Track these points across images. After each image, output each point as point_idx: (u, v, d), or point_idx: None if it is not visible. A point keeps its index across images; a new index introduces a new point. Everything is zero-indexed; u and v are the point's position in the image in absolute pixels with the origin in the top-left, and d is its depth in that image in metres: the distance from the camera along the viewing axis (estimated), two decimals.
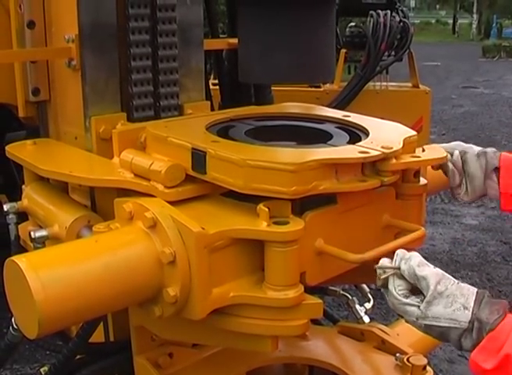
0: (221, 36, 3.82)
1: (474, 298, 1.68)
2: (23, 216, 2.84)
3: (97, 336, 2.60)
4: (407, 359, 2.73)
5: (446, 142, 2.66)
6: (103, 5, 2.63)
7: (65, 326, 2.31)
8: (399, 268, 1.84)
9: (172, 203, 2.10)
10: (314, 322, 2.23)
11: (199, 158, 2.11)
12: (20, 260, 1.79)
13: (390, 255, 2.03)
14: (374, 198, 2.31)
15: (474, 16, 54.31)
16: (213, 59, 3.86)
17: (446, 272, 1.79)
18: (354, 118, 2.58)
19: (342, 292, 3.21)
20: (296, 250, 1.98)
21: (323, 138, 2.36)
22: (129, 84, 2.72)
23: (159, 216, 1.96)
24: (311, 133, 2.49)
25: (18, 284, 1.78)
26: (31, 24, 2.84)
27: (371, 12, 6.10)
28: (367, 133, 2.38)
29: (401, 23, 6.09)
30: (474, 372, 1.65)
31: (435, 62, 27.31)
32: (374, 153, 2.12)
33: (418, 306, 1.75)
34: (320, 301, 2.07)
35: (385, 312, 5.82)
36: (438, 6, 76.33)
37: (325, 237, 2.13)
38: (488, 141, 13.24)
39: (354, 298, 3.29)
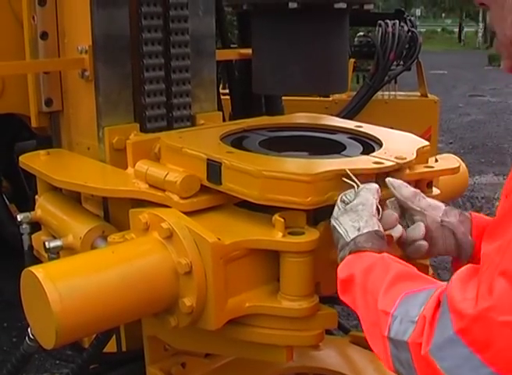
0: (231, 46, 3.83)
1: (370, 229, 1.82)
2: (35, 226, 2.85)
3: (110, 346, 2.60)
4: None
5: (454, 151, 2.66)
6: (116, 17, 2.65)
7: (82, 337, 2.33)
8: (358, 185, 1.96)
9: (186, 213, 2.11)
10: (326, 331, 2.23)
11: (214, 169, 2.11)
12: (38, 271, 1.80)
13: None
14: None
15: (480, 24, 54.18)
16: (223, 69, 3.87)
17: None
18: (367, 128, 2.59)
19: None
20: (312, 260, 1.99)
21: (336, 149, 2.37)
22: (142, 95, 2.74)
23: (175, 226, 1.97)
24: (324, 144, 2.49)
25: (35, 295, 1.79)
26: (44, 35, 2.85)
27: (379, 21, 6.11)
28: (380, 144, 2.39)
29: (409, 33, 6.09)
30: (338, 284, 1.80)
31: (441, 70, 27.26)
32: (388, 164, 2.12)
33: (340, 209, 1.91)
34: (335, 311, 2.07)
35: None
36: (443, 15, 76.26)
37: None
38: (496, 149, 13.21)
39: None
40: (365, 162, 2.14)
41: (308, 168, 2.03)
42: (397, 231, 1.94)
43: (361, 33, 6.80)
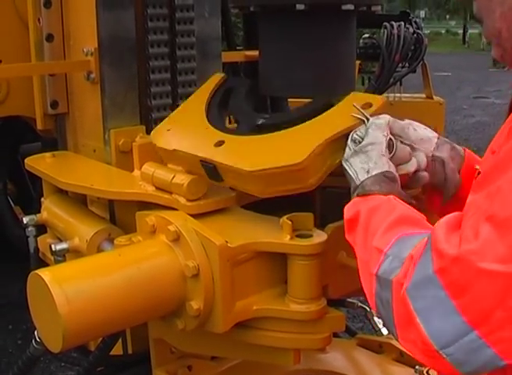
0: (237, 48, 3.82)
1: (379, 170, 1.80)
2: (41, 229, 2.85)
3: (116, 348, 2.60)
4: (427, 372, 2.72)
5: None
6: (122, 19, 2.64)
7: (89, 340, 2.32)
8: (368, 119, 1.94)
9: (193, 216, 2.10)
10: (332, 334, 2.24)
11: (210, 170, 2.11)
12: (44, 274, 1.79)
13: None
14: None
15: None
16: (229, 71, 3.86)
17: None
18: None
19: (360, 304, 3.20)
20: (320, 263, 1.98)
21: None
22: (148, 97, 2.74)
23: (182, 229, 1.96)
24: None
25: (42, 298, 1.79)
26: (50, 37, 2.85)
27: (384, 23, 6.10)
28: None
29: (415, 35, 6.08)
30: (344, 224, 1.81)
31: (445, 72, 27.24)
32: None
33: (350, 150, 1.89)
34: (342, 314, 2.07)
35: None
36: (448, 16, 76.32)
37: (348, 249, 2.12)
38: None
39: (372, 311, 3.27)
40: None
41: (298, 152, 1.98)
42: (412, 165, 1.92)
43: (366, 35, 6.77)
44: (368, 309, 3.26)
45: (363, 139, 1.89)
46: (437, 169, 2.01)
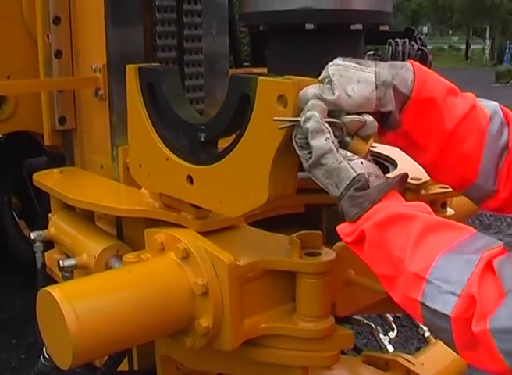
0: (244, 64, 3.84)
1: (347, 182, 1.67)
2: (48, 244, 2.85)
3: (122, 365, 2.60)
4: None
5: None
6: (131, 36, 2.66)
7: (98, 357, 2.32)
8: (299, 123, 1.72)
9: (201, 234, 2.10)
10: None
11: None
12: (54, 291, 1.80)
13: None
14: None
15: (487, 41, 54.44)
16: None
17: None
18: (381, 148, 2.59)
19: (366, 321, 3.20)
20: (328, 281, 1.98)
21: None
22: None
23: (192, 247, 1.97)
24: None
25: (52, 314, 1.79)
26: (58, 54, 2.87)
27: (389, 40, 6.13)
28: (395, 164, 2.39)
29: (419, 52, 6.12)
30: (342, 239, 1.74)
31: None
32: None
33: (306, 161, 1.72)
34: (351, 332, 2.07)
35: (405, 340, 5.78)
36: (450, 32, 76.54)
37: (355, 268, 2.13)
38: None
39: (378, 328, 3.28)
40: None
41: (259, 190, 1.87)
42: (370, 128, 1.75)
43: (371, 52, 6.82)
44: (374, 327, 3.26)
45: (307, 141, 1.71)
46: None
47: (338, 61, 1.79)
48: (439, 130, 1.83)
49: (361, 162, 1.72)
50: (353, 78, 1.74)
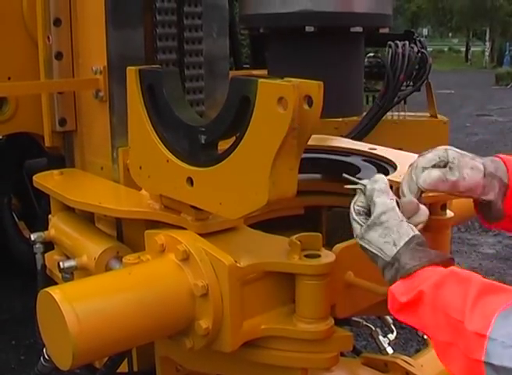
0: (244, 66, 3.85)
1: (406, 239, 1.73)
2: (48, 246, 2.86)
3: (121, 366, 2.60)
4: None
5: None
6: (131, 38, 2.67)
7: (98, 359, 2.33)
8: (365, 186, 1.87)
9: (202, 235, 2.11)
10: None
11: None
12: (55, 292, 1.80)
13: None
14: None
15: (487, 43, 54.47)
16: None
17: None
18: (380, 151, 2.59)
19: (365, 323, 3.20)
20: (328, 283, 1.99)
21: (351, 171, 2.37)
22: None
23: (192, 248, 1.97)
24: (338, 167, 2.50)
25: (52, 316, 1.79)
26: (59, 55, 2.88)
27: (389, 42, 6.12)
28: (394, 167, 2.39)
29: (419, 54, 6.11)
30: (391, 303, 1.73)
31: (448, 89, 27.28)
32: None
33: (361, 226, 1.82)
34: (350, 333, 2.07)
35: (404, 343, 5.79)
36: (450, 34, 76.57)
37: (355, 269, 2.13)
38: None
39: (378, 330, 3.28)
40: None
41: (259, 191, 1.89)
42: (423, 215, 1.88)
43: (371, 54, 6.80)
44: (373, 328, 3.27)
45: (367, 209, 1.85)
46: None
47: (454, 148, 1.95)
48: None
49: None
50: (468, 164, 1.91)
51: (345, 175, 1.96)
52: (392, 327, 3.42)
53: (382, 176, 1.89)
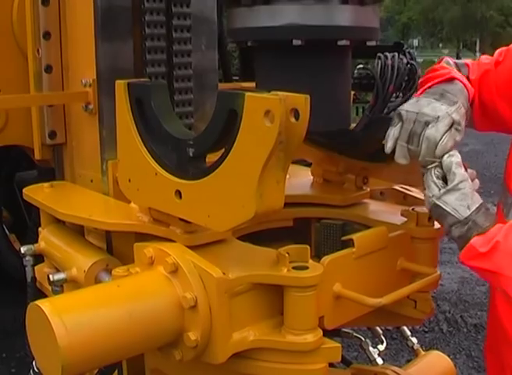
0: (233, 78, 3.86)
1: (477, 205, 2.09)
2: (38, 258, 2.86)
3: None
4: None
5: None
6: (121, 51, 2.67)
7: (87, 371, 2.32)
8: (440, 160, 2.15)
9: (190, 248, 2.12)
10: (328, 364, 2.25)
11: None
12: (44, 305, 1.81)
13: None
14: (390, 243, 2.34)
15: (477, 54, 54.60)
16: None
17: (454, 312, 2.04)
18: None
19: (355, 334, 3.21)
20: (316, 295, 2.00)
21: None
22: None
23: (180, 261, 1.98)
24: None
25: (41, 329, 1.80)
26: (49, 68, 2.88)
27: (378, 54, 6.15)
28: None
29: (409, 65, 6.14)
30: (467, 253, 2.07)
31: None
32: None
33: (440, 189, 2.11)
34: (338, 345, 2.08)
35: (395, 353, 5.80)
36: (441, 45, 76.84)
37: (343, 281, 2.15)
38: (494, 179, 13.22)
39: (368, 341, 3.29)
40: None
41: (245, 205, 1.91)
42: (476, 184, 2.17)
43: (361, 66, 6.82)
44: (363, 339, 3.28)
45: (443, 176, 2.13)
46: None
47: (453, 108, 2.25)
48: None
49: None
50: (463, 117, 2.26)
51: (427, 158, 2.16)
52: (382, 338, 3.43)
53: (456, 152, 2.17)
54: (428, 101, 2.23)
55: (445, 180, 2.14)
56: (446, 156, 2.14)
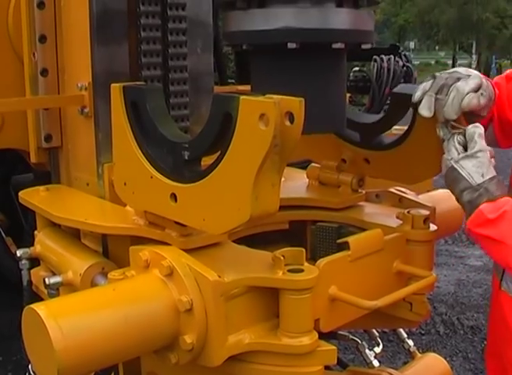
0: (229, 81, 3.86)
1: (491, 175, 2.17)
2: (34, 262, 2.86)
3: None
4: None
5: None
6: (116, 54, 2.67)
7: (83, 374, 2.32)
8: (465, 128, 2.22)
9: (186, 251, 2.12)
10: (324, 366, 2.25)
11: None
12: (40, 308, 1.81)
13: None
14: (385, 245, 2.34)
15: (474, 56, 54.75)
16: None
17: (451, 314, 2.02)
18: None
19: (352, 337, 3.21)
20: (311, 297, 2.00)
21: None
22: None
23: (176, 264, 1.99)
24: None
25: (37, 332, 1.80)
26: (44, 72, 2.88)
27: (374, 56, 6.16)
28: None
29: (404, 68, 6.16)
30: (475, 219, 2.15)
31: None
32: None
33: (459, 153, 2.20)
34: (334, 347, 2.08)
35: (392, 355, 5.79)
36: (437, 47, 76.93)
37: (339, 284, 2.15)
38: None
39: (364, 343, 3.29)
40: None
41: (241, 209, 1.91)
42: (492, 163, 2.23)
43: (357, 68, 6.84)
44: (360, 342, 3.27)
45: (464, 143, 2.21)
46: None
47: (481, 75, 2.39)
48: None
49: None
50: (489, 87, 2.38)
51: (452, 123, 2.26)
52: (379, 340, 3.43)
53: (478, 124, 2.23)
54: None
55: (465, 148, 2.22)
56: (471, 126, 2.22)
